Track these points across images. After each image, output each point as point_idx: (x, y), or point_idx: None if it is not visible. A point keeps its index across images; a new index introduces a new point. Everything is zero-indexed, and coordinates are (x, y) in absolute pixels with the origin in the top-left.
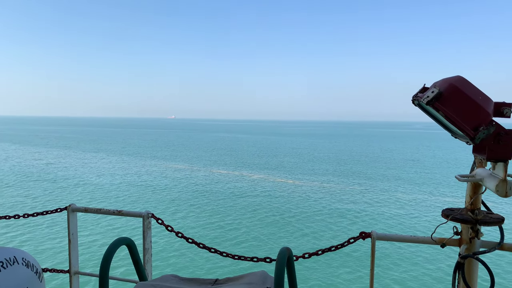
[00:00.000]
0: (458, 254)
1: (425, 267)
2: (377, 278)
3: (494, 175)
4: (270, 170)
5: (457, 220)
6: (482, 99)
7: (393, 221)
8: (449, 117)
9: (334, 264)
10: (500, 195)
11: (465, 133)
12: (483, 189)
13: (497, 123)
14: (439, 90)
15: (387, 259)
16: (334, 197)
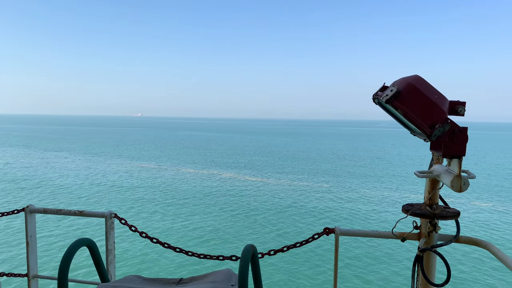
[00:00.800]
0: (418, 247)
1: (386, 261)
2: (341, 273)
3: (449, 171)
4: (239, 168)
5: (416, 215)
6: (438, 97)
7: (356, 217)
8: (407, 115)
9: (299, 260)
10: (455, 190)
11: (422, 130)
12: (440, 184)
13: (452, 121)
14: (397, 89)
15: (350, 254)
16: (300, 194)
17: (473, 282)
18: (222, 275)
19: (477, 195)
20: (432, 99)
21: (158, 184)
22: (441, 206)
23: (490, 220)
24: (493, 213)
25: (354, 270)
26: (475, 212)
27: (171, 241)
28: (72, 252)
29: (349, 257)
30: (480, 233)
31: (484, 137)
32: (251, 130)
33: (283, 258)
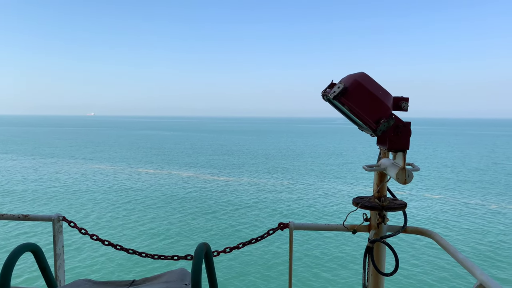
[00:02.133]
0: (368, 239)
1: (339, 253)
2: (296, 266)
3: (395, 164)
4: (197, 167)
5: (365, 207)
6: (382, 94)
7: (311, 212)
8: (354, 111)
9: (255, 257)
10: (400, 182)
11: (368, 125)
12: (388, 177)
13: (396, 116)
14: (344, 85)
15: (305, 248)
16: (256, 191)
17: (419, 270)
18: (176, 274)
19: (424, 187)
20: (377, 95)
21: (110, 185)
22: (389, 198)
23: (436, 210)
24: (438, 203)
25: (309, 263)
26: (422, 203)
27: (124, 243)
28: (14, 258)
29: (304, 251)
30: (427, 223)
31: (439, 132)
32: (208, 129)
33: (239, 255)
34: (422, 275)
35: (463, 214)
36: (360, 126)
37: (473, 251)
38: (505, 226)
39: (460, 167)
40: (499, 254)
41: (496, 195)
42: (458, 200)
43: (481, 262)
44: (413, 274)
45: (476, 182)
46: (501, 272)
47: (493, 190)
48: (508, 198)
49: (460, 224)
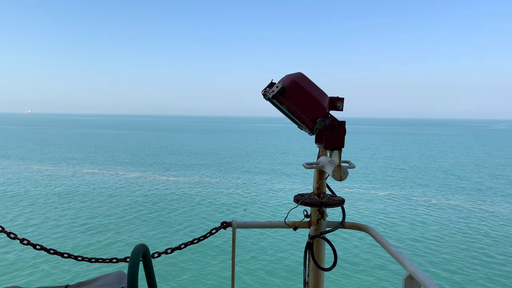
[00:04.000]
0: (308, 235)
1: (281, 250)
2: (239, 265)
3: (332, 162)
4: (143, 167)
5: (306, 204)
6: (319, 94)
7: (255, 209)
8: (291, 110)
9: (198, 257)
10: (336, 179)
11: (305, 124)
12: (326, 175)
13: (332, 116)
14: (282, 85)
15: (248, 246)
16: (202, 190)
17: (357, 263)
18: (113, 277)
19: (365, 183)
20: (313, 95)
21: (43, 186)
22: (328, 195)
23: (375, 206)
24: (378, 199)
25: (252, 261)
26: (362, 200)
27: (58, 246)
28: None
29: (247, 249)
30: (365, 218)
31: (385, 132)
32: (158, 127)
33: (181, 256)
34: (359, 268)
35: (399, 210)
36: (299, 125)
37: (406, 244)
38: (436, 220)
39: (402, 165)
40: (429, 247)
41: (432, 191)
42: (396, 196)
43: (412, 254)
44: (351, 267)
45: (415, 179)
46: (430, 263)
47: (430, 186)
48: (443, 194)
49: (396, 219)
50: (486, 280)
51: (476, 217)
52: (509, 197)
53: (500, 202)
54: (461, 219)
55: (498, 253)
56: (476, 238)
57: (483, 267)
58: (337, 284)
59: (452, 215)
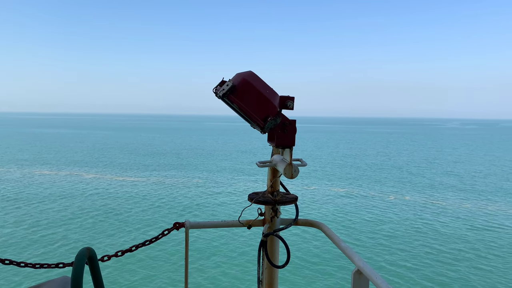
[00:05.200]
0: (262, 233)
1: (236, 249)
2: (193, 266)
3: (284, 160)
4: (99, 167)
5: (259, 202)
6: (269, 92)
7: (209, 209)
8: (242, 108)
9: (150, 259)
10: (287, 177)
11: (256, 123)
12: (280, 173)
13: (283, 115)
14: (233, 84)
15: (202, 246)
16: (156, 190)
17: (309, 259)
18: (57, 283)
19: (321, 180)
20: (264, 93)
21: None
22: (281, 193)
23: (329, 202)
24: (332, 196)
25: (206, 261)
26: (316, 196)
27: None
28: None
29: (201, 250)
30: (319, 215)
31: (343, 130)
32: (114, 126)
33: (133, 258)
34: (311, 264)
35: (355, 206)
36: (250, 123)
37: (358, 239)
38: (389, 215)
39: (359, 163)
40: (381, 242)
41: (388, 187)
42: (353, 193)
43: (363, 249)
44: (304, 263)
45: (371, 176)
46: (380, 258)
47: (385, 183)
48: (398, 190)
49: (351, 215)
50: (433, 274)
51: (428, 213)
52: (459, 193)
53: (450, 198)
54: (414, 214)
55: (447, 248)
56: (426, 233)
57: (431, 261)
58: (290, 280)
59: (405, 211)
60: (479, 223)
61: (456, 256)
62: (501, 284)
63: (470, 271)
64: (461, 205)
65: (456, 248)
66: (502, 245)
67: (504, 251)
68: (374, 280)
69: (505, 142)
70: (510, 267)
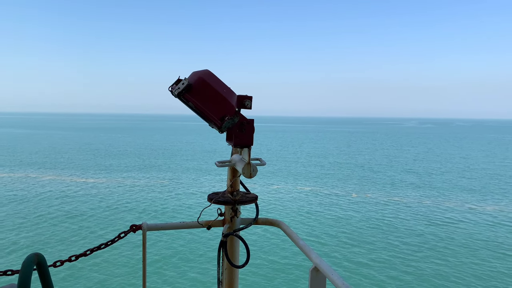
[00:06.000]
0: (222, 233)
1: (195, 250)
2: (151, 268)
3: (242, 160)
4: (56, 169)
5: (219, 203)
6: (226, 92)
7: (168, 211)
8: (198, 108)
9: (106, 263)
10: (246, 177)
11: (213, 122)
12: (239, 172)
13: (241, 114)
14: (188, 82)
15: (160, 248)
16: (114, 192)
17: (269, 258)
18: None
19: (288, 180)
20: (221, 93)
21: None
22: (242, 192)
23: (295, 201)
24: (293, 195)
25: (165, 264)
26: (278, 196)
27: None
28: None
29: (160, 252)
30: (281, 214)
31: (308, 130)
32: (76, 126)
33: (88, 262)
34: (271, 263)
35: (318, 204)
36: (208, 122)
37: (318, 237)
38: (350, 213)
39: (322, 161)
40: (341, 239)
41: (350, 185)
42: (316, 191)
43: (322, 247)
44: (264, 262)
45: (333, 174)
46: (339, 254)
47: (348, 181)
48: (360, 188)
49: (313, 213)
50: (392, 270)
51: (388, 209)
52: (417, 189)
53: (410, 194)
54: (375, 212)
55: (405, 243)
56: (386, 230)
57: (389, 257)
58: (251, 280)
59: (366, 208)
60: (437, 218)
61: (414, 251)
62: (455, 277)
63: (426, 266)
64: (420, 201)
65: (413, 244)
66: (457, 239)
67: (459, 245)
68: (330, 277)
69: (460, 140)
70: (465, 261)
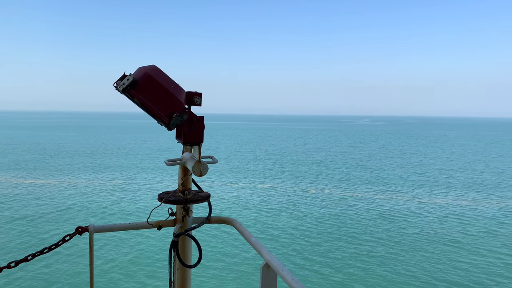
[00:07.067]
0: (173, 233)
1: (146, 251)
2: (99, 272)
3: (193, 158)
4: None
5: (170, 202)
6: (174, 88)
7: (118, 211)
8: (144, 104)
9: (50, 268)
10: (196, 175)
11: (160, 120)
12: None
13: (190, 111)
14: (134, 78)
15: (109, 250)
16: (62, 193)
17: (223, 257)
18: None
19: (247, 177)
20: (168, 89)
21: None
22: (194, 191)
23: (247, 199)
24: (249, 193)
25: (114, 267)
26: (233, 194)
27: None
28: None
29: (108, 254)
30: (235, 212)
31: (265, 128)
32: (24, 125)
33: (30, 268)
34: (224, 261)
35: (274, 201)
36: (156, 120)
37: (271, 234)
38: (304, 209)
39: (280, 159)
40: (294, 235)
41: (307, 182)
42: (270, 188)
43: (275, 243)
44: (217, 261)
45: (290, 171)
46: (292, 250)
47: (305, 178)
48: (316, 184)
49: (268, 211)
50: (342, 264)
51: (342, 205)
52: (370, 184)
53: (364, 189)
54: (329, 207)
55: (355, 238)
56: (340, 225)
57: (342, 252)
58: (203, 279)
59: (321, 204)
60: (389, 213)
61: (365, 246)
62: (405, 270)
63: (377, 260)
64: (373, 196)
65: (365, 238)
66: (407, 233)
67: (410, 238)
68: (281, 273)
69: (410, 137)
70: (415, 253)
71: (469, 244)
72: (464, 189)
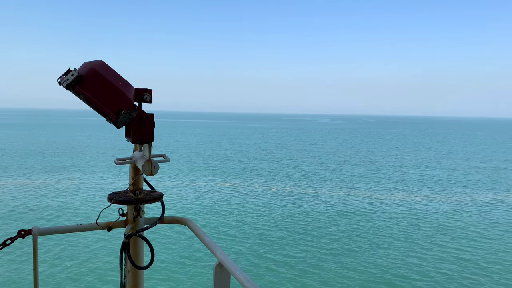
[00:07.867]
0: (124, 234)
1: (95, 254)
2: (45, 277)
3: (143, 157)
4: None
5: (120, 202)
6: (122, 84)
7: (66, 213)
8: (90, 101)
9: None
10: (147, 174)
11: (107, 117)
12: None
13: (139, 108)
14: (79, 73)
15: (55, 254)
16: (5, 195)
17: (176, 257)
18: None
19: (207, 176)
20: (116, 85)
21: None
22: (145, 191)
23: (204, 198)
24: (204, 192)
25: (60, 271)
26: (192, 192)
27: None
28: None
29: (54, 258)
30: (190, 212)
31: (226, 126)
32: None
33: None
34: (178, 261)
35: (228, 200)
36: (104, 117)
37: (227, 233)
38: (262, 207)
39: (241, 157)
40: (250, 233)
41: (268, 180)
42: (229, 187)
43: (230, 243)
44: (171, 262)
45: (251, 170)
46: (248, 249)
47: (265, 176)
48: (277, 182)
49: (222, 210)
50: (295, 262)
51: (301, 202)
52: (329, 182)
53: (322, 187)
54: (287, 205)
55: (311, 235)
56: (295, 223)
57: (296, 249)
58: (156, 281)
59: (280, 202)
60: (347, 209)
61: (321, 243)
62: (361, 266)
63: (334, 257)
64: (332, 193)
65: (321, 235)
66: (365, 228)
67: (367, 233)
68: (234, 272)
69: (368, 135)
70: (373, 251)
71: (421, 239)
72: (418, 185)
